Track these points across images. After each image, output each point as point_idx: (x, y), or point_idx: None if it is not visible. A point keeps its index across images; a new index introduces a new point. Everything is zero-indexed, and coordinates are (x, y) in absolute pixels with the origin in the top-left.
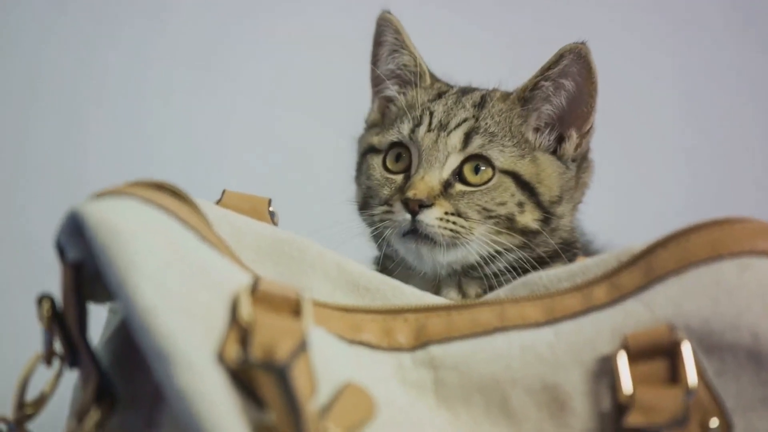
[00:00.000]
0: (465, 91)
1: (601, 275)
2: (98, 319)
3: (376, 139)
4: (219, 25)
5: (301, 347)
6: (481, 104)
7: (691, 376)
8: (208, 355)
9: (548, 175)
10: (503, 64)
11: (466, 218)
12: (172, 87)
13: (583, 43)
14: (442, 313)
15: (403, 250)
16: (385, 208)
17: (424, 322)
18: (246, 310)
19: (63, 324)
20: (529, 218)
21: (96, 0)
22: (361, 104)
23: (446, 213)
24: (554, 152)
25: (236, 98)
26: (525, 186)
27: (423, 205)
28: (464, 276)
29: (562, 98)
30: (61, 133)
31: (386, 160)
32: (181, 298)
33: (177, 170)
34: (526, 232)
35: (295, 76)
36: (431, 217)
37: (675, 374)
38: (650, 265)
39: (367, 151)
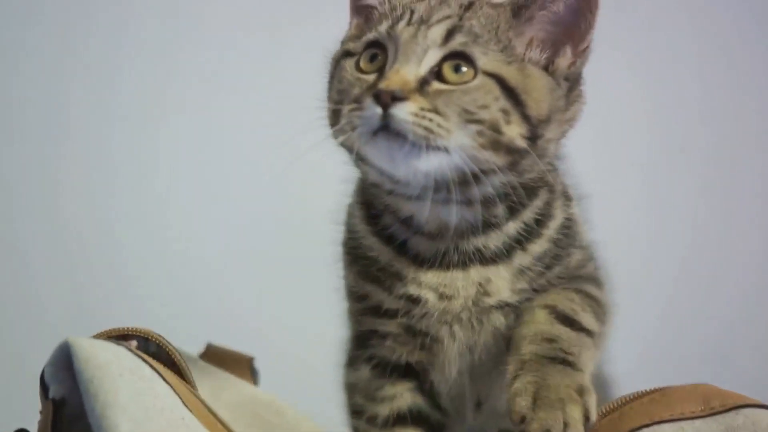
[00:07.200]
0: None
1: None
2: None
3: (351, 45)
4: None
5: None
6: (468, 6)
7: None
8: None
9: (537, 87)
10: None
11: (444, 117)
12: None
13: None
14: None
15: (374, 152)
16: (353, 105)
17: None
18: None
19: None
20: (515, 131)
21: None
22: None
23: (422, 108)
24: (546, 69)
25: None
26: (510, 93)
27: (396, 98)
28: (463, 205)
29: (560, 7)
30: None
31: (360, 61)
32: None
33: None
34: (512, 150)
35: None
36: (405, 111)
37: None
38: None
39: (340, 58)
